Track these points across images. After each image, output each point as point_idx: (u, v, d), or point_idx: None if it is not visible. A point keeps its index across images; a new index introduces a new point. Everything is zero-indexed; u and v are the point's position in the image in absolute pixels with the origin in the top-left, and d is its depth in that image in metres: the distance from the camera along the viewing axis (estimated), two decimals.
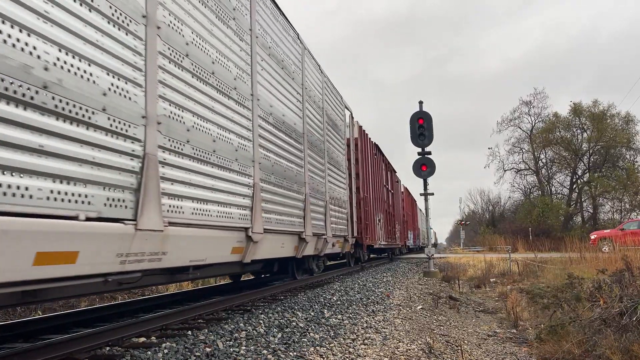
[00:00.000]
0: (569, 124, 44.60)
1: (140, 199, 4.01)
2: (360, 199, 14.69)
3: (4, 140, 2.86)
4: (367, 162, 16.33)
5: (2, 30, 2.92)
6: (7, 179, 2.87)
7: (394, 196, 24.01)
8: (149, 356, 4.04)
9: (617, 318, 4.97)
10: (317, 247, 9.63)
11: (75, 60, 3.43)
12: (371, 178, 17.10)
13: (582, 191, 43.86)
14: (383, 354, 4.58)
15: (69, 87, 3.34)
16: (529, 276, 13.11)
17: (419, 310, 7.70)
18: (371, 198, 16.71)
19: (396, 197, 25.36)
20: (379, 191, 18.83)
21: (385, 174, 21.84)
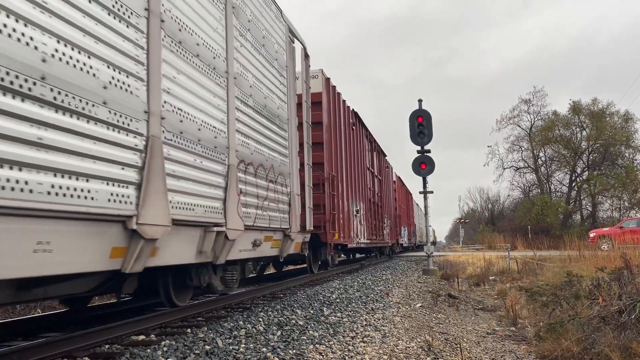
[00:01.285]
0: (568, 122, 44.61)
1: None
2: (323, 179, 11.16)
3: None
4: (338, 131, 12.79)
5: None
6: None
7: (382, 184, 20.39)
8: (149, 354, 4.04)
9: (616, 316, 4.97)
10: (203, 249, 5.27)
11: None
12: (345, 154, 13.48)
13: (581, 189, 43.89)
14: (382, 352, 4.58)
15: None
16: (528, 274, 13.12)
17: (418, 308, 7.71)
18: (345, 180, 13.19)
19: (385, 185, 21.73)
20: (358, 174, 15.19)
21: (371, 155, 18.13)
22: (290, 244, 7.85)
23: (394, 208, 25.09)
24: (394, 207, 24.85)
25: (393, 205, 24.59)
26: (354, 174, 14.60)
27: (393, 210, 24.40)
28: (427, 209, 17.53)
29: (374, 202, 18.25)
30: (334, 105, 12.52)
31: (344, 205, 12.92)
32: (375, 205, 18.44)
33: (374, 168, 18.50)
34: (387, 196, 22.25)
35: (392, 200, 24.41)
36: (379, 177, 19.90)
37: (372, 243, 17.67)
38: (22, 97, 2.98)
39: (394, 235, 24.21)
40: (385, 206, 21.16)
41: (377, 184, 19.22)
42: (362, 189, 15.73)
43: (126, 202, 3.87)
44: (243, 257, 6.31)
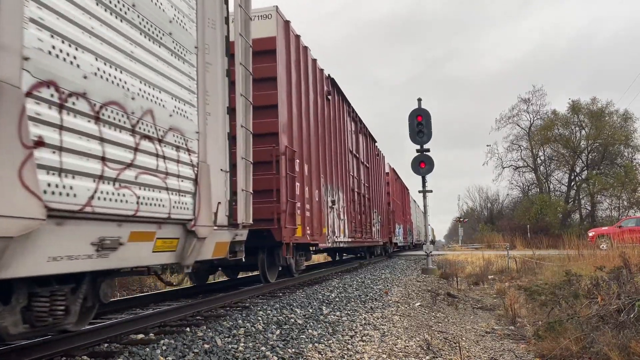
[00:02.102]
0: (567, 122, 44.62)
1: None
2: (277, 155, 8.39)
3: None
4: (305, 96, 10.14)
5: None
6: None
7: (371, 174, 17.79)
8: (148, 353, 4.04)
9: (614, 315, 4.98)
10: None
11: None
12: (316, 128, 10.88)
13: (580, 188, 43.92)
14: (381, 351, 4.58)
15: None
16: (527, 273, 13.12)
17: (417, 307, 7.71)
18: (314, 161, 10.56)
19: (375, 176, 19.13)
20: (336, 156, 12.58)
21: (355, 137, 15.53)
22: (200, 246, 4.81)
23: (387, 203, 22.57)
24: (386, 201, 22.24)
25: (385, 200, 22.09)
26: (329, 156, 11.85)
27: (385, 205, 21.82)
28: (426, 208, 17.54)
29: (360, 193, 15.72)
30: (297, 61, 9.75)
31: (313, 193, 10.19)
32: (362, 197, 15.94)
33: (359, 153, 15.83)
34: (378, 188, 19.63)
35: (384, 194, 21.87)
36: (367, 165, 17.24)
37: (357, 242, 14.95)
38: None
39: (386, 233, 21.82)
40: (375, 199, 18.69)
41: (363, 173, 16.54)
42: (341, 176, 13.11)
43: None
44: (59, 270, 3.14)
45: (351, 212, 14.15)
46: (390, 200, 23.85)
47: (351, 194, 14.34)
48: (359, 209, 15.49)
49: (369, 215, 17.14)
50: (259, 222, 7.64)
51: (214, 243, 5.18)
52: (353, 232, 14.28)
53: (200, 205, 4.83)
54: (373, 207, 18.11)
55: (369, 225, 17.00)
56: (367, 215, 16.67)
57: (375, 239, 18.46)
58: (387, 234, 22.16)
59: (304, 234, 9.42)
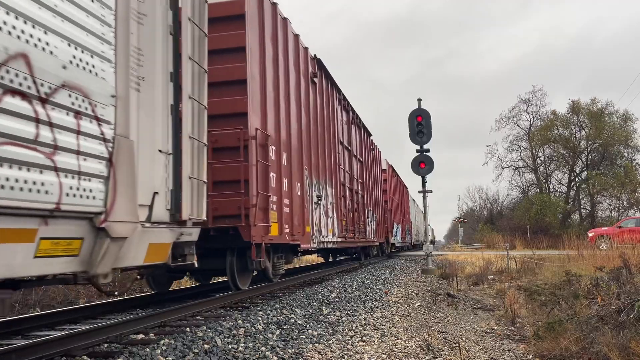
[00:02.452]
0: (567, 122, 44.60)
1: None
2: (246, 139, 7.10)
3: None
4: (283, 74, 8.76)
5: None
6: None
7: (364, 168, 16.36)
8: (147, 353, 4.04)
9: (614, 315, 4.98)
10: None
11: None
12: (298, 113, 9.47)
13: (580, 189, 43.91)
14: (381, 351, 4.59)
15: None
16: (526, 273, 13.13)
17: (417, 308, 7.71)
18: (294, 150, 9.07)
19: (371, 171, 17.77)
20: (323, 147, 11.10)
21: (347, 128, 14.15)
22: (118, 248, 3.68)
23: (384, 201, 21.29)
24: (383, 199, 20.89)
25: (382, 198, 20.61)
26: (315, 146, 10.31)
27: (381, 204, 20.43)
28: (426, 208, 17.55)
29: (353, 189, 14.27)
30: (273, 33, 8.40)
31: (293, 186, 8.78)
32: (354, 193, 14.53)
33: (352, 146, 14.39)
34: (373, 185, 18.25)
35: (381, 192, 20.32)
36: (360, 160, 15.78)
37: (348, 242, 13.50)
38: None
39: (383, 232, 20.37)
40: (371, 197, 17.35)
41: (357, 167, 15.17)
42: (330, 169, 11.66)
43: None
44: None
45: (342, 209, 12.74)
46: (388, 198, 22.59)
47: (342, 190, 12.93)
48: (351, 206, 14.09)
49: (363, 213, 15.73)
50: (224, 218, 6.77)
51: (146, 245, 4.04)
52: (344, 232, 12.85)
53: (117, 194, 3.63)
54: (368, 205, 16.61)
55: (363, 224, 15.57)
56: (360, 213, 15.24)
57: (370, 238, 17.05)
58: (384, 234, 20.74)
59: (281, 233, 7.99)
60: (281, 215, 8.07)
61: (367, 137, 17.40)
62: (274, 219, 7.78)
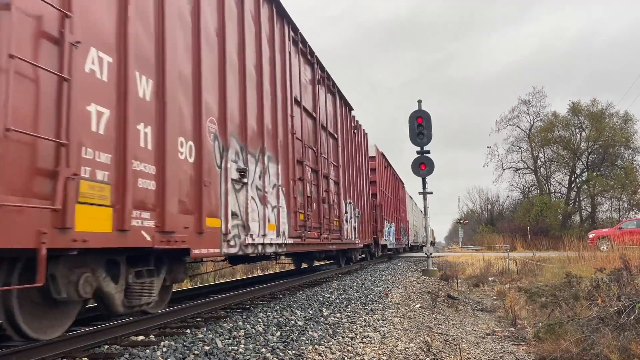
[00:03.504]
0: (567, 123, 44.60)
1: None
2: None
3: None
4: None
5: None
6: None
7: (341, 149, 12.76)
8: (148, 354, 4.04)
9: (615, 317, 4.98)
10: None
11: None
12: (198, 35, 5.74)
13: (581, 190, 43.89)
14: (382, 353, 4.59)
15: None
16: (527, 275, 13.13)
17: (417, 309, 7.71)
18: (168, 70, 5.01)
19: (351, 154, 14.08)
20: (251, 87, 7.24)
21: (313, 88, 10.68)
22: None
23: (371, 194, 17.69)
24: (370, 192, 17.18)
25: (369, 190, 17.06)
26: (237, 85, 6.78)
27: (369, 197, 16.90)
28: (426, 209, 17.54)
29: (320, 172, 10.52)
30: None
31: (167, 141, 4.97)
32: (324, 179, 10.84)
33: (319, 114, 10.68)
34: (356, 173, 14.72)
35: (367, 183, 16.77)
36: (334, 136, 12.28)
37: (308, 244, 9.39)
38: None
39: (370, 232, 16.88)
40: (351, 187, 13.77)
41: (329, 145, 11.73)
42: (274, 135, 7.98)
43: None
44: None
45: (296, 197, 8.76)
46: (378, 192, 19.20)
47: (299, 170, 9.10)
48: (318, 195, 10.35)
49: (339, 206, 12.09)
50: None
51: None
52: (301, 229, 8.89)
53: None
54: (347, 196, 13.13)
55: (338, 221, 11.91)
56: (334, 206, 11.64)
57: (350, 239, 13.27)
58: (371, 234, 17.30)
59: (122, 226, 4.22)
60: (123, 193, 4.24)
61: (346, 110, 13.84)
62: (96, 198, 3.95)
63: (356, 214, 14.50)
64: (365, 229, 16.09)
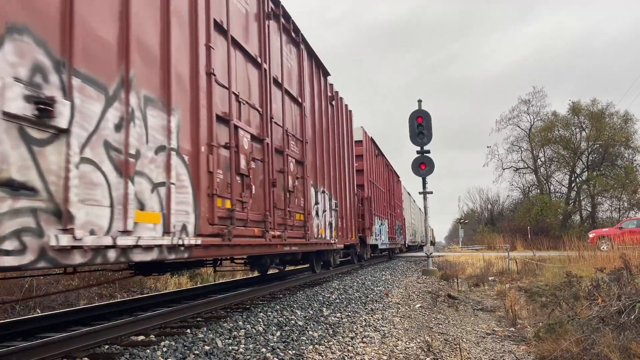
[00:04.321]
0: (567, 123, 44.60)
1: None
2: None
3: None
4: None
5: None
6: None
7: (306, 117, 9.58)
8: (148, 354, 4.04)
9: (615, 316, 4.98)
10: None
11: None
12: None
13: (581, 190, 43.89)
14: (382, 352, 4.59)
15: None
16: (527, 275, 13.12)
17: (417, 309, 7.71)
18: None
19: (325, 129, 11.17)
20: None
21: (259, 26, 7.43)
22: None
23: (356, 185, 14.67)
24: (353, 182, 14.11)
25: (352, 180, 14.05)
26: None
27: (351, 188, 13.82)
28: (426, 209, 17.53)
29: (274, 146, 7.71)
30: None
31: None
32: (278, 155, 7.95)
33: (266, 61, 7.60)
34: (334, 156, 11.79)
35: (350, 170, 13.80)
36: (298, 100, 9.15)
37: (241, 245, 6.34)
38: None
39: (352, 230, 13.81)
40: (325, 172, 10.91)
41: (293, 114, 8.92)
42: (164, 57, 4.87)
43: None
44: None
45: (213, 172, 5.66)
46: (365, 183, 16.75)
47: (224, 131, 6.05)
48: (265, 175, 7.25)
49: (303, 194, 9.00)
50: None
51: None
52: (223, 224, 5.78)
53: None
54: (318, 183, 10.19)
55: (301, 214, 8.86)
56: (294, 194, 8.52)
57: (322, 238, 10.37)
58: (356, 231, 14.65)
59: None
60: None
61: (318, 73, 10.67)
62: None
63: (333, 207, 11.51)
64: (348, 226, 13.22)
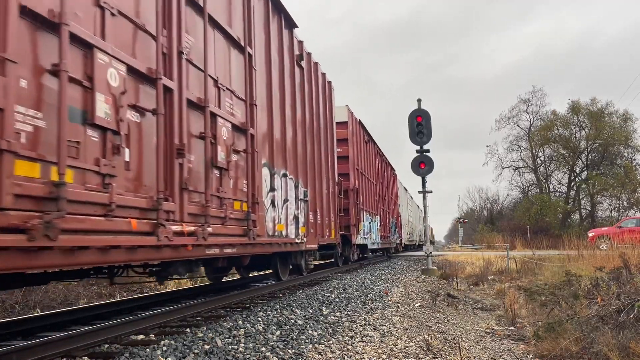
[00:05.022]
0: (567, 122, 44.60)
1: None
2: None
3: None
4: None
5: None
6: None
7: (269, 78, 7.85)
8: (148, 353, 4.04)
9: (614, 315, 4.99)
10: None
11: None
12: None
13: (580, 189, 43.90)
14: (381, 351, 4.59)
15: None
16: (527, 274, 13.13)
17: (417, 308, 7.72)
18: None
19: (295, 98, 9.17)
20: None
21: None
22: None
23: (332, 172, 12.01)
24: (332, 168, 11.93)
25: (333, 166, 12.04)
26: None
27: (330, 176, 11.73)
28: (426, 208, 17.54)
29: (191, 99, 5.24)
30: None
31: None
32: (199, 114, 5.41)
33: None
34: (304, 132, 9.69)
35: (331, 154, 11.87)
36: (242, 46, 6.75)
37: (79, 249, 3.60)
38: None
39: (332, 226, 11.71)
40: (289, 150, 8.72)
41: (231, 63, 6.45)
42: None
43: None
44: None
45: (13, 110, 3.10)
46: (351, 172, 14.59)
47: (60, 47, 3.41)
48: (162, 136, 4.58)
49: (251, 176, 6.65)
50: None
51: None
52: (35, 210, 3.17)
53: None
54: (273, 163, 7.86)
55: (244, 203, 6.47)
56: (230, 172, 6.11)
57: (283, 236, 8.16)
58: (338, 229, 12.39)
59: None
60: None
61: (277, 17, 8.48)
62: None
63: (301, 197, 9.16)
64: (325, 222, 11.04)
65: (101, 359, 4.00)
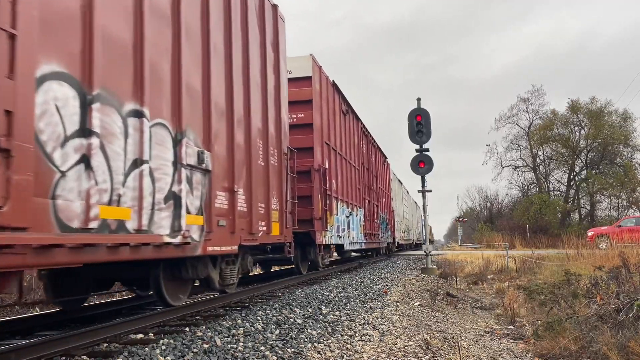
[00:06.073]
0: (566, 121, 44.62)
1: None
2: None
3: None
4: None
5: None
6: None
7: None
8: (147, 353, 4.04)
9: (613, 314, 4.99)
10: None
11: None
12: None
13: (580, 188, 43.93)
14: (380, 350, 4.59)
15: None
16: (526, 273, 13.13)
17: (416, 307, 7.72)
18: None
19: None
20: None
21: None
22: None
23: (277, 137, 8.22)
24: (276, 130, 8.19)
25: (284, 131, 8.61)
26: None
27: (267, 137, 7.72)
28: (425, 208, 17.54)
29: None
30: None
31: None
32: None
33: None
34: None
35: (269, 101, 7.89)
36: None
37: None
38: None
39: (267, 218, 7.50)
40: (184, 82, 5.14)
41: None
42: None
43: None
44: None
45: None
46: (318, 147, 11.03)
47: None
48: None
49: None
50: None
51: None
52: None
53: None
54: (85, 72, 3.81)
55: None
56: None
57: (128, 231, 4.24)
58: (292, 223, 8.86)
59: None
60: None
61: None
62: None
63: (193, 161, 5.36)
64: (259, 212, 7.26)
65: (100, 358, 4.00)
